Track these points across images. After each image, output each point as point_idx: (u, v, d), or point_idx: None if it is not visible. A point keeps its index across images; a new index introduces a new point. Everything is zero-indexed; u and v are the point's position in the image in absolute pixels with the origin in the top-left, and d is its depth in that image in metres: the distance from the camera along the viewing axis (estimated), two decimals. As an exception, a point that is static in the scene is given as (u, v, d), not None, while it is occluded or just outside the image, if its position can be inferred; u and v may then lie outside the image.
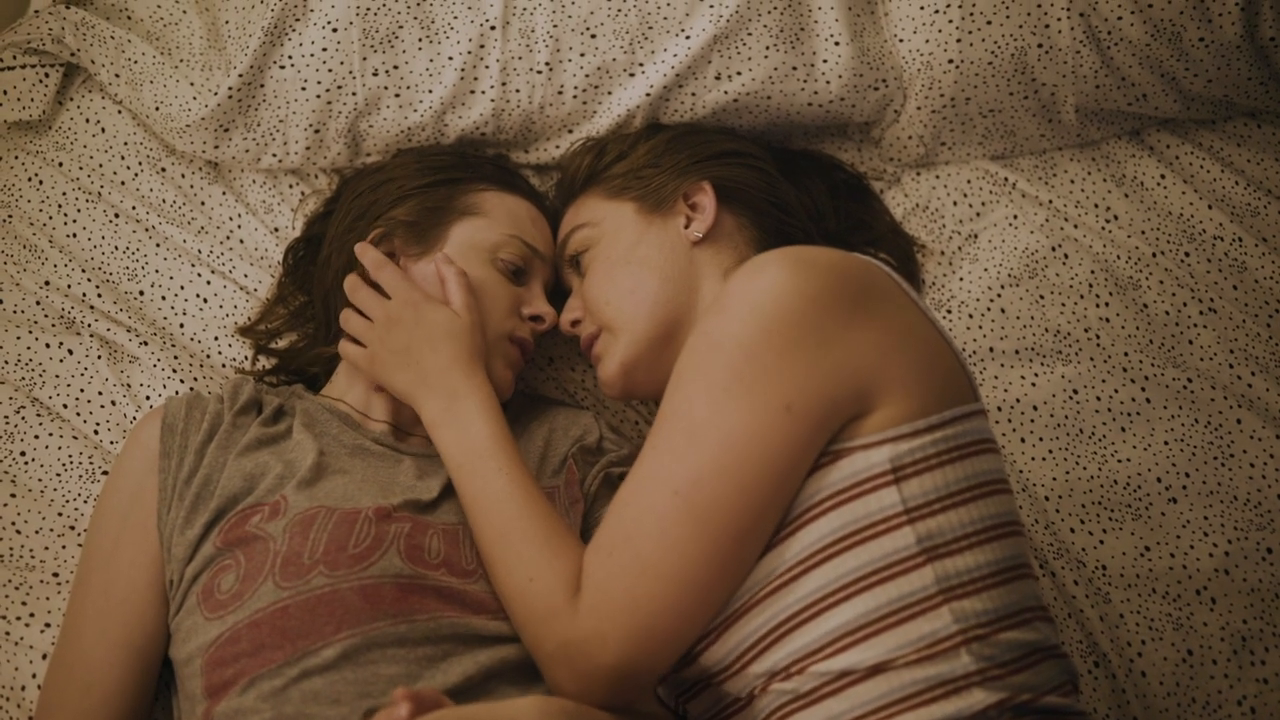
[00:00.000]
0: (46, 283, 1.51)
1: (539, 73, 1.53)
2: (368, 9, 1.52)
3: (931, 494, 1.04)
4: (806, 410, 1.03)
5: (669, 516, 1.03)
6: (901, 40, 1.57)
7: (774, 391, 1.03)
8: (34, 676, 1.25)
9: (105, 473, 1.39)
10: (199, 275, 1.54)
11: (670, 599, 1.03)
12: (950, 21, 1.55)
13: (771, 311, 1.04)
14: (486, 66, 1.53)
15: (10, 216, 1.56)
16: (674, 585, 1.03)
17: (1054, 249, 1.59)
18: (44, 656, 1.26)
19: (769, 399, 1.03)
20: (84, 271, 1.52)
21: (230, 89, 1.52)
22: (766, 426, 1.02)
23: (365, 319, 1.30)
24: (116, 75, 1.59)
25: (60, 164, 1.59)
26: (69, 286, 1.51)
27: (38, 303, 1.50)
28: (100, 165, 1.60)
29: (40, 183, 1.58)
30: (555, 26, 1.52)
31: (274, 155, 1.57)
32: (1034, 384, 1.51)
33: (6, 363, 1.45)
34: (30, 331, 1.48)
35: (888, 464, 1.04)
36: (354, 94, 1.52)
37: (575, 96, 1.54)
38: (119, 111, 1.63)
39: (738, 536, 1.03)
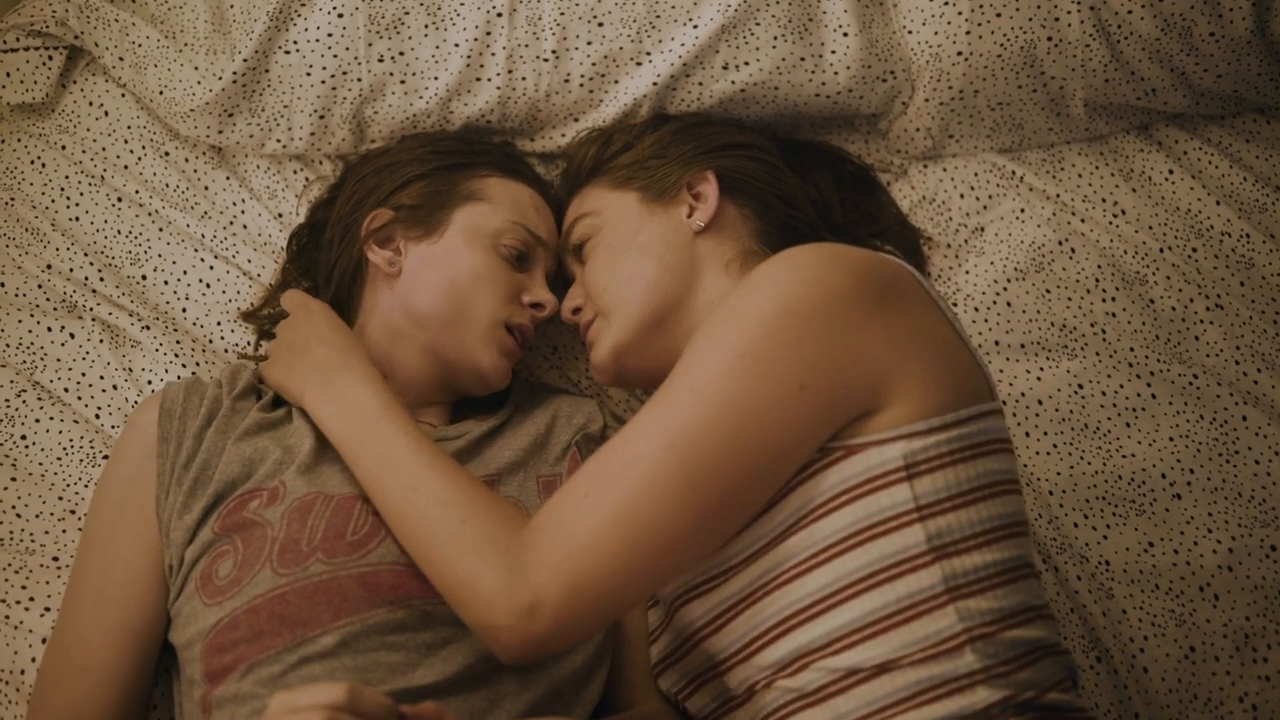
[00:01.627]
0: (48, 266, 1.50)
1: (545, 61, 1.52)
2: (374, -6, 1.52)
3: (943, 492, 1.03)
4: (818, 393, 1.02)
5: (660, 468, 1.00)
6: (910, 32, 1.56)
7: (789, 367, 1.02)
8: (33, 660, 1.25)
9: (106, 457, 1.39)
10: (202, 260, 1.53)
11: (641, 549, 0.99)
12: (959, 14, 1.54)
13: (797, 293, 1.03)
14: (493, 54, 1.52)
15: (13, 199, 1.55)
16: (649, 535, 0.99)
17: (1061, 243, 1.59)
18: (43, 640, 1.26)
19: (783, 373, 1.01)
20: (86, 255, 1.52)
21: (235, 74, 1.51)
22: (777, 400, 1.01)
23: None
24: (120, 58, 1.59)
25: (63, 147, 1.59)
26: (71, 270, 1.50)
27: (39, 286, 1.50)
28: (103, 149, 1.59)
29: (43, 166, 1.58)
30: (562, 14, 1.51)
31: (278, 141, 1.56)
32: (1039, 378, 1.50)
33: (8, 346, 1.45)
34: (32, 315, 1.47)
35: (901, 460, 1.03)
36: (359, 80, 1.51)
37: (581, 85, 1.53)
38: (123, 95, 1.62)
39: (722, 504, 1.02)
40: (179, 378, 1.43)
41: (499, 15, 1.52)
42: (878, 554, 1.02)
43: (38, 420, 1.41)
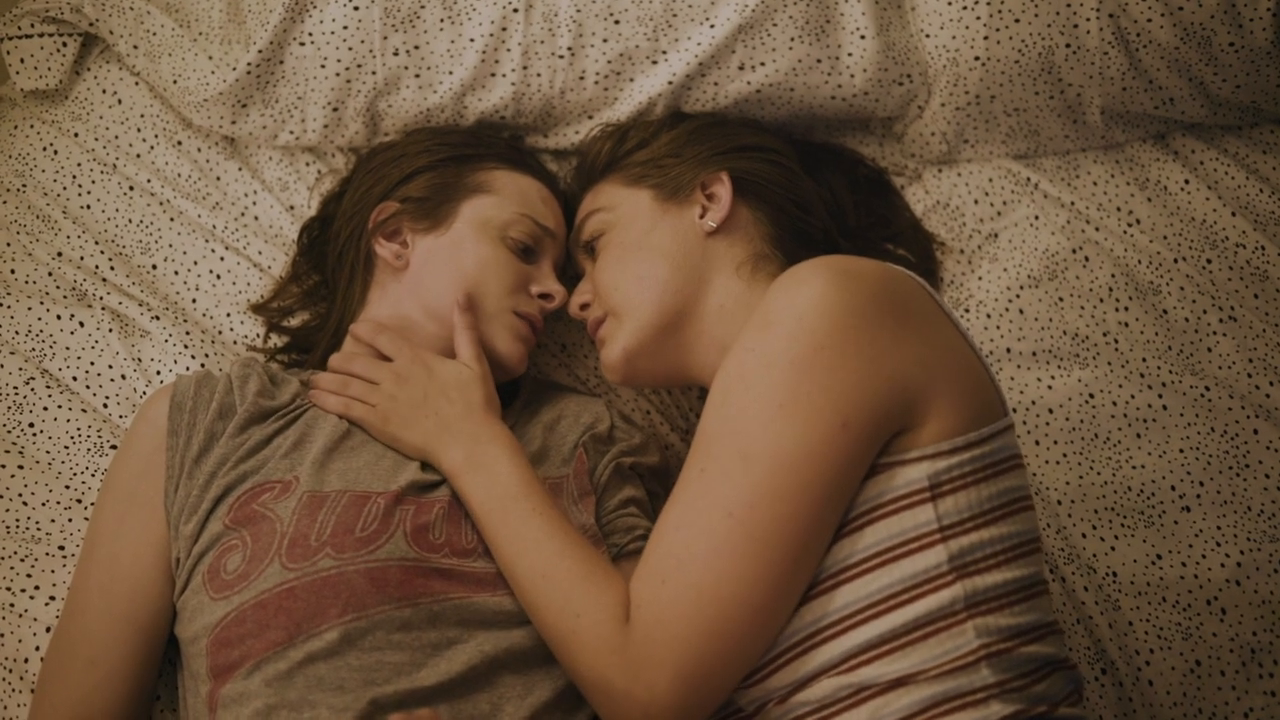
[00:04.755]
0: (59, 254, 1.50)
1: (561, 57, 1.51)
2: (390, -13, 1.51)
3: (965, 512, 1.03)
4: (861, 425, 1.02)
5: (724, 540, 1.01)
6: (928, 36, 1.56)
7: (830, 408, 1.01)
8: (37, 649, 1.25)
9: (114, 447, 1.38)
10: (212, 251, 1.53)
11: (730, 625, 1.00)
12: (978, 18, 1.54)
13: (821, 326, 1.03)
14: (508, 49, 1.51)
15: (24, 186, 1.55)
16: (733, 610, 1.00)
17: (1074, 251, 1.58)
18: (48, 629, 1.26)
19: (825, 416, 1.01)
20: (97, 244, 1.51)
21: (249, 64, 1.51)
22: (823, 444, 1.01)
23: (366, 381, 1.28)
24: (135, 46, 1.58)
25: (76, 134, 1.59)
26: (81, 258, 1.50)
27: (50, 274, 1.50)
28: (116, 137, 1.59)
29: (55, 153, 1.57)
30: (579, 11, 1.51)
31: (291, 132, 1.56)
32: (1050, 387, 1.50)
33: (17, 333, 1.45)
34: (41, 303, 1.47)
35: (925, 481, 1.03)
36: (374, 73, 1.51)
37: (597, 82, 1.53)
38: (136, 83, 1.62)
39: (795, 557, 1.02)
40: (188, 369, 1.42)
41: (515, 11, 1.51)
42: (899, 575, 1.02)
43: (45, 408, 1.41)
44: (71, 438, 1.39)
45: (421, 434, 1.22)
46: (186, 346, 1.45)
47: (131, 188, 1.56)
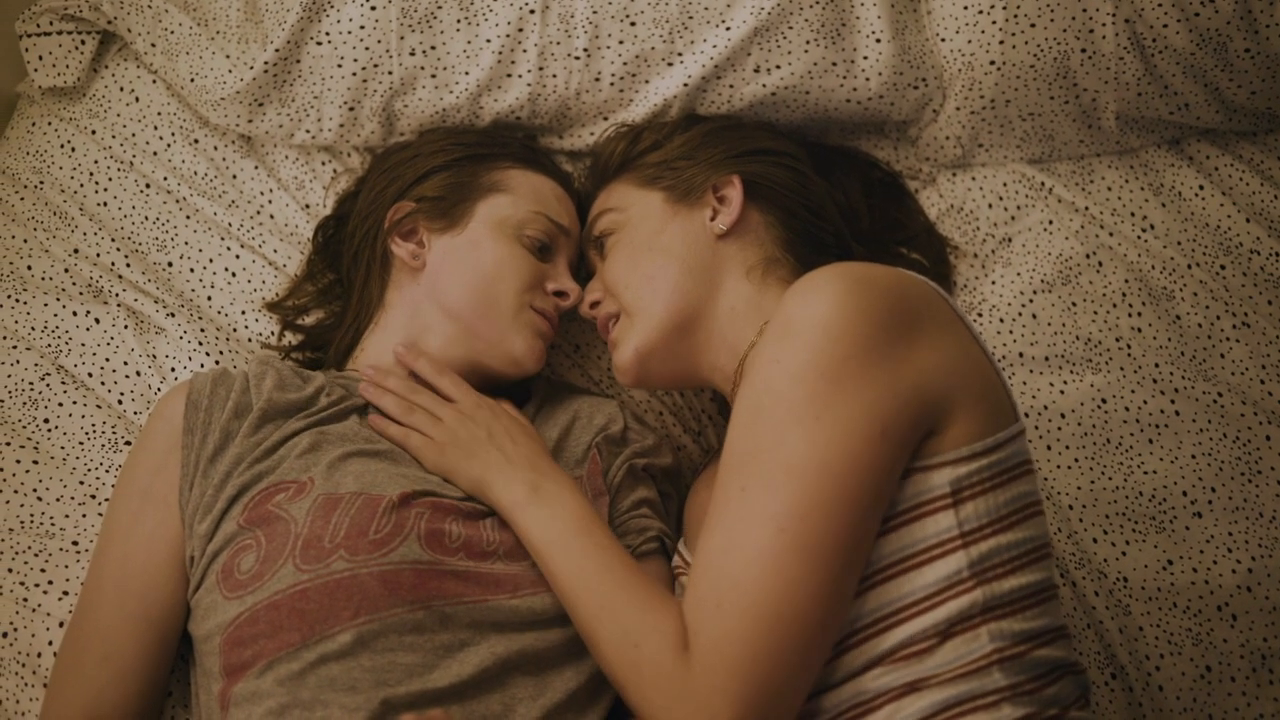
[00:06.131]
0: (75, 251, 1.51)
1: (577, 59, 1.52)
2: (407, -12, 1.52)
3: (985, 517, 1.04)
4: (899, 431, 1.02)
5: (778, 556, 0.99)
6: (943, 40, 1.56)
7: (865, 417, 1.01)
8: (50, 644, 1.26)
9: (128, 443, 1.39)
10: (228, 249, 1.53)
11: (791, 642, 0.99)
12: (994, 23, 1.54)
13: (845, 334, 1.02)
14: (524, 50, 1.52)
15: (42, 183, 1.56)
16: (793, 627, 0.99)
17: (1088, 256, 1.58)
18: (61, 625, 1.26)
19: (862, 425, 1.01)
20: (113, 241, 1.52)
21: (266, 63, 1.51)
22: (863, 451, 1.00)
23: (428, 413, 1.28)
24: (152, 45, 1.59)
25: (93, 132, 1.59)
26: (98, 255, 1.51)
27: (66, 270, 1.50)
28: (133, 134, 1.60)
29: (73, 150, 1.58)
30: (595, 13, 1.51)
31: (308, 132, 1.56)
32: (1063, 391, 1.50)
33: (33, 329, 1.45)
34: (58, 299, 1.48)
35: (947, 487, 1.03)
36: (390, 73, 1.51)
37: (612, 84, 1.53)
38: (153, 81, 1.63)
39: (847, 566, 1.01)
40: (202, 366, 1.43)
41: (531, 12, 1.52)
42: (922, 581, 1.02)
43: (60, 404, 1.41)
44: (86, 434, 1.40)
45: (482, 465, 1.22)
46: (201, 344, 1.45)
47: (148, 185, 1.56)
